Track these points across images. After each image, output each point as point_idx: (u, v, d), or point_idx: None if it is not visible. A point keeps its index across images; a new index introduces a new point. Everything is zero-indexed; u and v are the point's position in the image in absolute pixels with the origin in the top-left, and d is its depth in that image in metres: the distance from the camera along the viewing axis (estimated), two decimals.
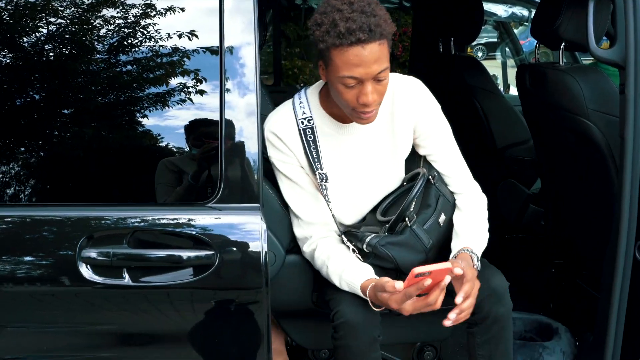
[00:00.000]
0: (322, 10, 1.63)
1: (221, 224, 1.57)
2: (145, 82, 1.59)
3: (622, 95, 1.92)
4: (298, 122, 1.80)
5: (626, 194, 1.90)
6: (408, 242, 1.83)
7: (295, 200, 1.87)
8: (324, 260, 1.85)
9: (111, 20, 1.57)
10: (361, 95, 1.63)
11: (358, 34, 1.56)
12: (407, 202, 1.83)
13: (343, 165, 1.86)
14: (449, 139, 1.93)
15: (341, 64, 1.60)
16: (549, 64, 2.35)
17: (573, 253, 2.68)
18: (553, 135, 2.46)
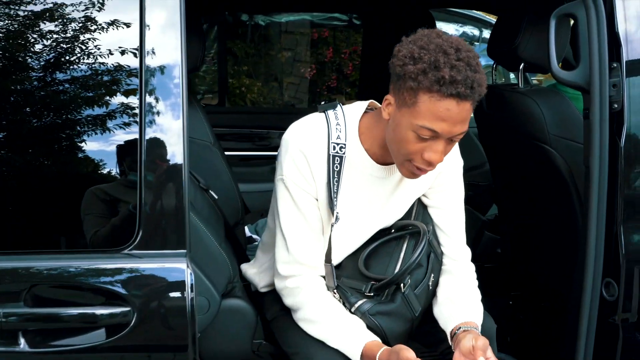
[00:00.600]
0: (422, 44, 1.43)
1: (139, 275, 1.34)
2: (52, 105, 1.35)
3: (586, 120, 1.79)
4: (330, 146, 1.57)
5: (592, 228, 1.76)
6: (399, 311, 1.64)
7: (295, 234, 1.62)
8: (312, 304, 1.62)
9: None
10: (430, 151, 1.46)
11: (460, 87, 1.39)
12: (405, 267, 1.61)
13: (355, 206, 1.65)
14: (461, 197, 1.78)
15: (427, 112, 1.42)
16: (507, 86, 2.22)
17: (532, 284, 2.54)
18: (511, 160, 2.32)
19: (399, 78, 1.45)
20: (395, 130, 1.49)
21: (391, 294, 1.64)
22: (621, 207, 1.76)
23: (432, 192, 1.74)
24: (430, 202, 1.75)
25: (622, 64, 1.72)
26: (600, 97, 1.73)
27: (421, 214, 1.74)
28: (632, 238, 1.78)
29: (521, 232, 2.48)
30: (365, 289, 1.62)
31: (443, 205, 1.74)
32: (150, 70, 1.36)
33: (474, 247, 3.02)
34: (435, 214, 1.75)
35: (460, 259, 1.76)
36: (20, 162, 1.34)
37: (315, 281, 1.64)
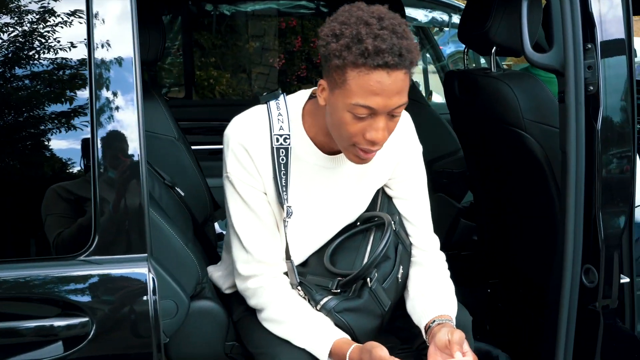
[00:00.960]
0: (342, 20, 1.35)
1: (97, 282, 1.25)
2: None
3: (561, 104, 1.74)
4: (272, 138, 1.49)
5: (570, 214, 1.72)
6: (367, 306, 1.57)
7: (249, 232, 1.54)
8: (276, 304, 1.55)
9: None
10: (370, 129, 1.37)
11: (387, 56, 1.30)
12: (370, 260, 1.55)
13: (309, 199, 1.57)
14: (424, 185, 1.70)
15: (357, 88, 1.33)
16: (479, 70, 2.16)
17: (510, 272, 2.51)
18: (486, 147, 2.27)
19: (326, 59, 1.37)
20: (332, 115, 1.41)
21: (358, 289, 1.57)
22: (599, 191, 1.72)
23: (394, 182, 1.68)
24: (393, 192, 1.69)
25: (596, 45, 1.67)
26: (575, 79, 1.68)
27: (386, 205, 1.68)
28: (610, 223, 1.74)
29: (497, 220, 2.44)
30: (332, 286, 1.56)
31: (406, 195, 1.68)
32: (100, 63, 1.26)
33: (450, 235, 3.02)
34: (399, 205, 1.69)
35: (429, 249, 1.71)
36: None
37: (277, 280, 1.58)
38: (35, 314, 1.24)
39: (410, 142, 1.64)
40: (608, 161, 1.72)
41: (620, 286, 1.80)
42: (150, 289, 1.26)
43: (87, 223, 1.24)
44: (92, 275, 1.25)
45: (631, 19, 1.72)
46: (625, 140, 1.72)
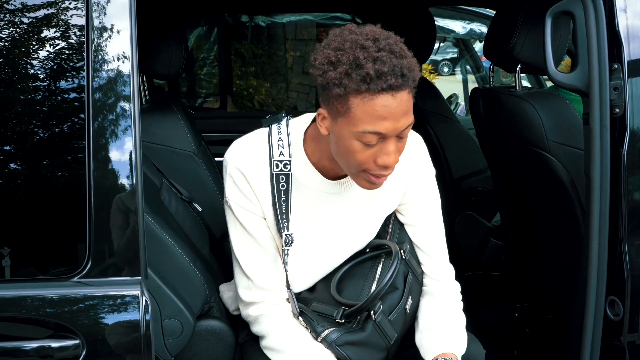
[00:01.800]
0: (336, 45, 1.29)
1: (89, 304, 1.24)
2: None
3: (586, 126, 1.65)
4: (272, 165, 1.44)
5: (594, 242, 1.63)
6: (370, 340, 1.50)
7: (249, 258, 1.51)
8: (277, 332, 1.51)
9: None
10: (381, 154, 1.31)
11: (389, 79, 1.24)
12: (375, 292, 1.48)
13: (312, 227, 1.52)
14: (437, 212, 1.61)
15: (363, 115, 1.27)
16: (504, 88, 2.08)
17: (537, 295, 2.41)
18: (511, 167, 2.19)
19: (324, 88, 1.31)
20: (338, 144, 1.34)
21: (362, 321, 1.51)
22: (625, 219, 1.63)
23: (405, 208, 1.61)
24: (405, 219, 1.62)
25: (623, 65, 1.59)
26: (600, 101, 1.60)
27: (397, 232, 1.62)
28: (637, 252, 1.65)
29: (523, 241, 2.35)
30: (337, 315, 1.50)
31: (418, 222, 1.61)
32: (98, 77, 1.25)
33: (479, 255, 2.93)
34: (411, 232, 1.62)
35: (442, 279, 1.63)
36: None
37: (278, 308, 1.53)
38: (27, 335, 1.23)
39: (421, 166, 1.57)
40: (635, 187, 1.62)
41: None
42: (142, 311, 1.24)
43: (81, 245, 1.23)
44: (84, 296, 1.24)
45: None
46: None
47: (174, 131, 2.21)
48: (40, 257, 1.27)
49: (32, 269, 1.27)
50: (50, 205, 1.27)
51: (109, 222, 1.25)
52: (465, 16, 4.61)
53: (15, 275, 1.24)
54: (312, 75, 1.34)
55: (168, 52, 2.20)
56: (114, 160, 1.25)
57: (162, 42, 2.21)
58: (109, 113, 1.25)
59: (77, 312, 1.24)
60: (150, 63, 2.24)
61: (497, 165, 2.31)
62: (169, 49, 2.20)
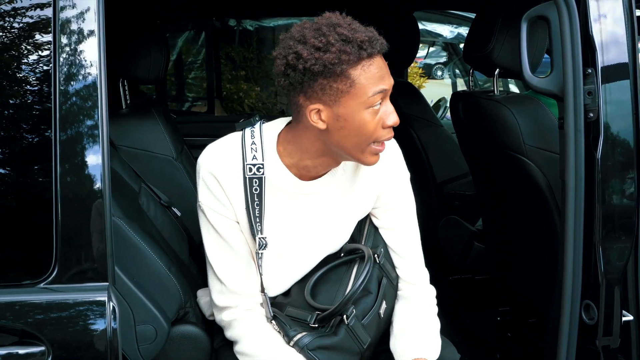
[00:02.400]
0: (314, 34, 1.32)
1: (55, 310, 1.23)
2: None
3: (561, 130, 1.65)
4: (245, 168, 1.44)
5: (569, 247, 1.63)
6: (343, 344, 1.50)
7: (223, 262, 1.51)
8: (249, 337, 1.51)
9: None
10: (386, 115, 1.38)
11: (376, 43, 1.34)
12: (346, 297, 1.48)
13: (286, 229, 1.53)
14: (411, 215, 1.62)
15: (368, 80, 1.34)
16: (483, 93, 2.08)
17: (518, 299, 2.41)
18: (490, 171, 2.19)
19: (317, 75, 1.32)
20: (345, 126, 1.37)
21: (335, 325, 1.51)
22: (599, 223, 1.63)
23: (379, 211, 1.61)
24: (379, 222, 1.62)
25: (597, 70, 1.59)
26: (574, 105, 1.60)
27: (372, 235, 1.62)
28: (611, 256, 1.65)
29: (504, 245, 2.35)
30: (310, 320, 1.50)
31: (392, 225, 1.61)
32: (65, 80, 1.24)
33: (463, 259, 2.93)
34: (386, 235, 1.62)
35: (417, 282, 1.63)
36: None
37: (251, 313, 1.53)
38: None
39: (395, 170, 1.58)
40: (609, 191, 1.63)
41: (625, 324, 1.70)
42: (109, 317, 1.23)
43: (48, 250, 1.22)
44: (51, 303, 1.23)
45: (636, 42, 1.63)
46: (628, 169, 1.63)
47: (153, 136, 2.21)
48: (6, 262, 1.26)
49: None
50: (16, 210, 1.26)
51: (76, 228, 1.24)
52: (453, 20, 4.62)
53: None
54: (297, 72, 1.33)
55: (148, 56, 2.20)
56: (82, 165, 1.24)
57: (142, 47, 2.21)
58: (76, 118, 1.24)
59: (43, 319, 1.23)
60: (130, 68, 2.24)
61: (477, 170, 2.31)
62: (149, 54, 2.20)
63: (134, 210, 1.85)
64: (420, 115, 2.94)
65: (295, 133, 1.45)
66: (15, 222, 1.27)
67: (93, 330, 1.25)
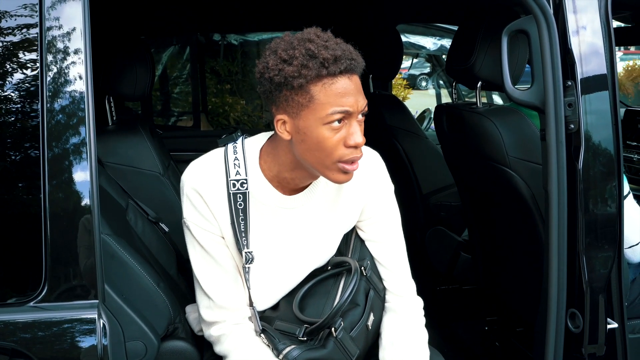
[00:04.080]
0: (284, 47, 1.34)
1: (45, 328, 1.23)
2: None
3: (543, 142, 1.69)
4: (229, 184, 1.46)
5: (553, 256, 1.66)
6: (331, 357, 1.51)
7: (209, 278, 1.51)
8: (238, 352, 1.51)
9: None
10: (349, 136, 1.36)
11: (345, 62, 1.32)
12: (334, 310, 1.49)
13: (272, 243, 1.53)
14: (397, 227, 1.64)
15: (327, 98, 1.33)
16: (466, 105, 2.11)
17: (506, 308, 2.44)
18: (474, 182, 2.22)
19: (281, 87, 1.34)
20: (305, 140, 1.37)
21: (324, 338, 1.51)
22: (582, 232, 1.66)
23: (364, 224, 1.63)
24: (365, 235, 1.64)
25: (577, 82, 1.63)
26: (555, 117, 1.64)
27: (359, 248, 1.63)
28: (595, 265, 1.68)
29: (490, 255, 2.37)
30: (299, 333, 1.50)
31: (378, 237, 1.63)
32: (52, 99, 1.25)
33: (450, 269, 2.95)
34: (372, 247, 1.64)
35: (404, 294, 1.64)
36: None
37: (240, 327, 1.53)
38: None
39: (378, 182, 1.59)
40: (591, 201, 1.66)
41: (611, 332, 1.73)
42: (99, 335, 1.24)
43: (37, 269, 1.23)
44: (41, 321, 1.23)
45: (614, 53, 1.67)
46: (609, 179, 1.66)
47: (139, 152, 2.21)
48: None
49: None
50: (5, 228, 1.27)
51: (65, 245, 1.24)
52: (435, 33, 4.68)
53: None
54: (264, 81, 1.37)
55: (134, 73, 2.21)
56: (70, 182, 1.25)
57: (128, 64, 2.22)
58: (64, 135, 1.25)
59: (33, 337, 1.23)
60: (116, 85, 2.25)
61: (462, 181, 2.34)
62: (134, 71, 2.21)
63: (122, 227, 1.85)
64: (405, 127, 2.97)
65: (274, 145, 1.48)
66: (3, 240, 1.27)
67: (83, 347, 1.25)
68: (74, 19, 1.28)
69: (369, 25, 3.12)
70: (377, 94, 3.14)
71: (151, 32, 3.68)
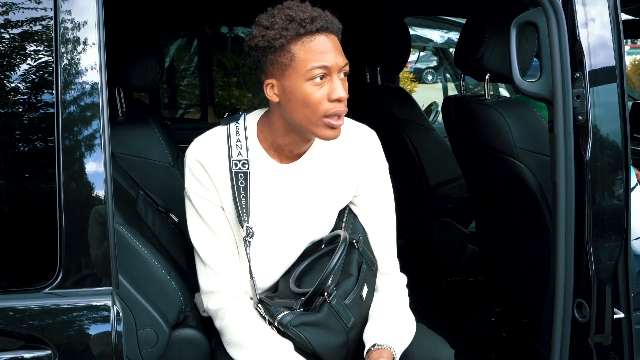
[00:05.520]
0: (266, 16, 1.46)
1: (61, 315, 1.25)
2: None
3: (551, 133, 1.69)
4: (231, 163, 1.53)
5: (560, 247, 1.67)
6: (326, 321, 1.54)
7: (207, 246, 1.59)
8: (236, 327, 1.55)
9: None
10: (332, 91, 1.45)
11: (321, 21, 1.44)
12: (324, 274, 1.54)
13: (271, 214, 1.60)
14: (389, 205, 1.70)
15: (306, 55, 1.43)
16: (474, 97, 2.12)
17: (512, 300, 2.45)
18: (482, 174, 2.23)
19: (265, 52, 1.44)
20: (292, 99, 1.45)
21: (319, 305, 1.55)
22: (590, 223, 1.67)
23: (359, 199, 1.69)
24: (358, 210, 1.70)
25: (585, 74, 1.63)
26: (564, 109, 1.64)
27: (351, 223, 1.69)
28: (602, 255, 1.69)
29: (497, 247, 2.39)
30: (296, 305, 1.55)
31: (370, 212, 1.69)
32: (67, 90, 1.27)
33: (457, 261, 2.97)
34: (365, 222, 1.70)
35: (389, 272, 1.70)
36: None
37: (237, 301, 1.58)
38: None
39: (374, 159, 1.66)
40: (598, 192, 1.67)
41: (617, 322, 1.74)
42: (114, 321, 1.26)
43: (53, 256, 1.25)
44: (56, 307, 1.25)
45: (622, 45, 1.67)
46: (616, 170, 1.67)
47: (150, 143, 2.24)
48: (12, 268, 1.29)
49: (3, 280, 1.28)
50: (20, 217, 1.29)
51: (79, 234, 1.27)
52: (443, 25, 4.67)
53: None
54: (251, 50, 1.46)
55: (143, 65, 2.23)
56: (84, 171, 1.27)
57: (138, 56, 2.24)
58: (78, 126, 1.27)
59: (48, 323, 1.25)
60: (126, 76, 2.27)
61: (469, 173, 2.35)
62: (144, 62, 2.23)
63: (133, 217, 1.88)
64: (413, 119, 2.99)
65: (268, 114, 1.57)
66: (19, 228, 1.29)
67: (97, 333, 1.27)
68: (88, 11, 1.30)
69: (377, 18, 3.13)
70: (385, 87, 3.15)
71: (160, 25, 3.69)
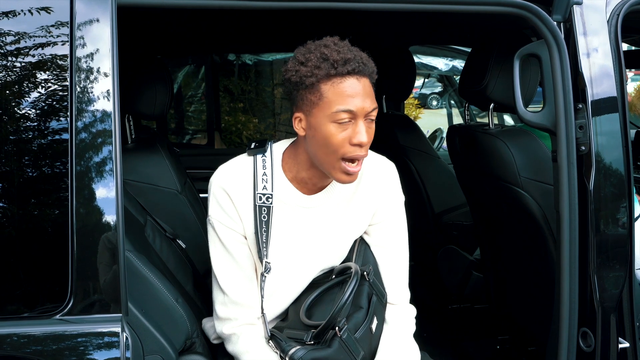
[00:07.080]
0: (302, 52, 1.49)
1: (71, 341, 1.27)
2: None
3: (554, 163, 1.72)
4: (256, 197, 1.56)
5: (565, 276, 1.68)
6: (336, 356, 1.55)
7: (226, 274, 1.60)
8: (248, 355, 1.58)
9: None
10: (354, 134, 1.46)
11: (353, 64, 1.45)
12: (336, 308, 1.55)
13: (290, 247, 1.62)
14: (403, 237, 1.72)
15: (334, 97, 1.45)
16: (478, 126, 2.15)
17: (517, 327, 2.45)
18: (486, 202, 2.25)
19: (297, 87, 1.47)
20: (315, 135, 1.48)
21: (329, 339, 1.56)
22: (594, 252, 1.68)
23: (373, 229, 1.71)
24: (371, 239, 1.72)
25: (587, 105, 1.66)
26: (567, 139, 1.67)
27: (362, 253, 1.71)
28: (607, 284, 1.70)
29: (501, 274, 2.39)
30: (307, 338, 1.56)
31: (383, 242, 1.71)
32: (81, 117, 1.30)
33: (462, 288, 2.97)
34: (377, 252, 1.72)
35: (399, 303, 1.71)
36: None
37: (252, 328, 1.60)
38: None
39: (391, 191, 1.68)
40: (602, 222, 1.68)
41: (622, 351, 1.75)
42: (123, 347, 1.27)
43: (63, 283, 1.27)
44: (66, 334, 1.27)
45: (624, 76, 1.70)
46: (620, 199, 1.69)
47: (158, 170, 2.26)
48: (23, 295, 1.30)
49: (14, 307, 1.30)
50: (32, 243, 1.31)
51: (90, 260, 1.29)
52: (447, 54, 4.72)
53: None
54: (286, 83, 1.50)
55: (153, 93, 2.26)
56: (96, 198, 1.30)
57: (148, 84, 2.28)
58: (91, 153, 1.30)
59: (59, 350, 1.27)
60: (136, 104, 2.30)
61: (474, 201, 2.37)
62: (154, 90, 2.26)
63: (141, 243, 1.90)
64: (417, 147, 3.01)
65: (295, 145, 1.60)
66: (31, 254, 1.31)
67: None
68: (102, 40, 1.34)
69: (382, 46, 3.17)
70: (390, 114, 3.18)
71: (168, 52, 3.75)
